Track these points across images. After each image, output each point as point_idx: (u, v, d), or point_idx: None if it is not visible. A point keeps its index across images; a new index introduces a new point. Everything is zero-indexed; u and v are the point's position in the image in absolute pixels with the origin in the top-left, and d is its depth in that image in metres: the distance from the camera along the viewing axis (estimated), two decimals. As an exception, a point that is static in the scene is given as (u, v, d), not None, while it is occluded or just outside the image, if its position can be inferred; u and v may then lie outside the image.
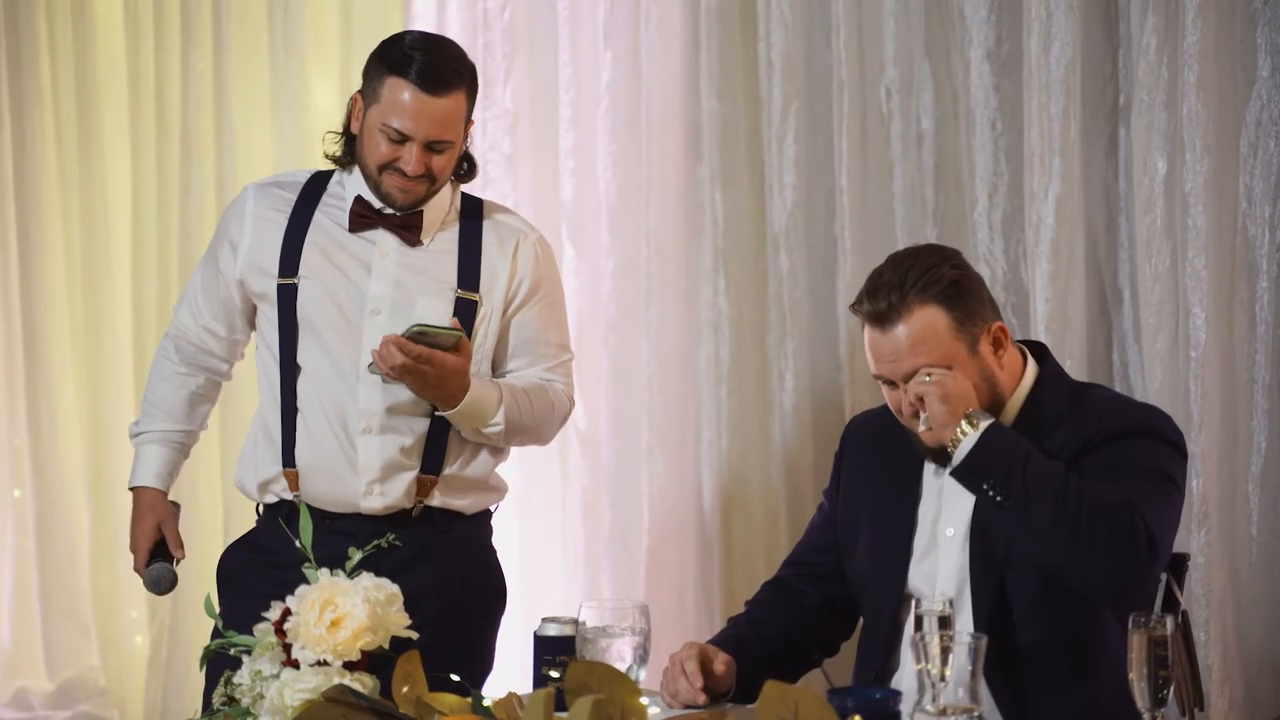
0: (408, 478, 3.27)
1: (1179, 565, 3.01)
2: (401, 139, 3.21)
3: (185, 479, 5.06)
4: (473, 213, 3.38)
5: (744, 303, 4.35)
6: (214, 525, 5.14)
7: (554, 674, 2.68)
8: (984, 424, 2.80)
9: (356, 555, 2.63)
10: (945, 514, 2.96)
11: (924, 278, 2.83)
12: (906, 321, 2.82)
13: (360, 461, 3.26)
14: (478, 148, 4.49)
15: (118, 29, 5.46)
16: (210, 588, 4.92)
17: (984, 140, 3.96)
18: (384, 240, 3.30)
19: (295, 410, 3.30)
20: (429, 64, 3.20)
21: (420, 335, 3.14)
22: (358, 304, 3.26)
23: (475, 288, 3.30)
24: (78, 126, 5.45)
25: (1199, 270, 3.66)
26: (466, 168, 3.38)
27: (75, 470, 5.51)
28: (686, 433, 4.42)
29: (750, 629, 3.07)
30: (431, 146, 3.22)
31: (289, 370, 3.29)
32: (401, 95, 3.20)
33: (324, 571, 2.56)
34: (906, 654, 2.92)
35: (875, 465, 3.06)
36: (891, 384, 2.89)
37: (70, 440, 5.50)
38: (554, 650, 2.73)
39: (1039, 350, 3.03)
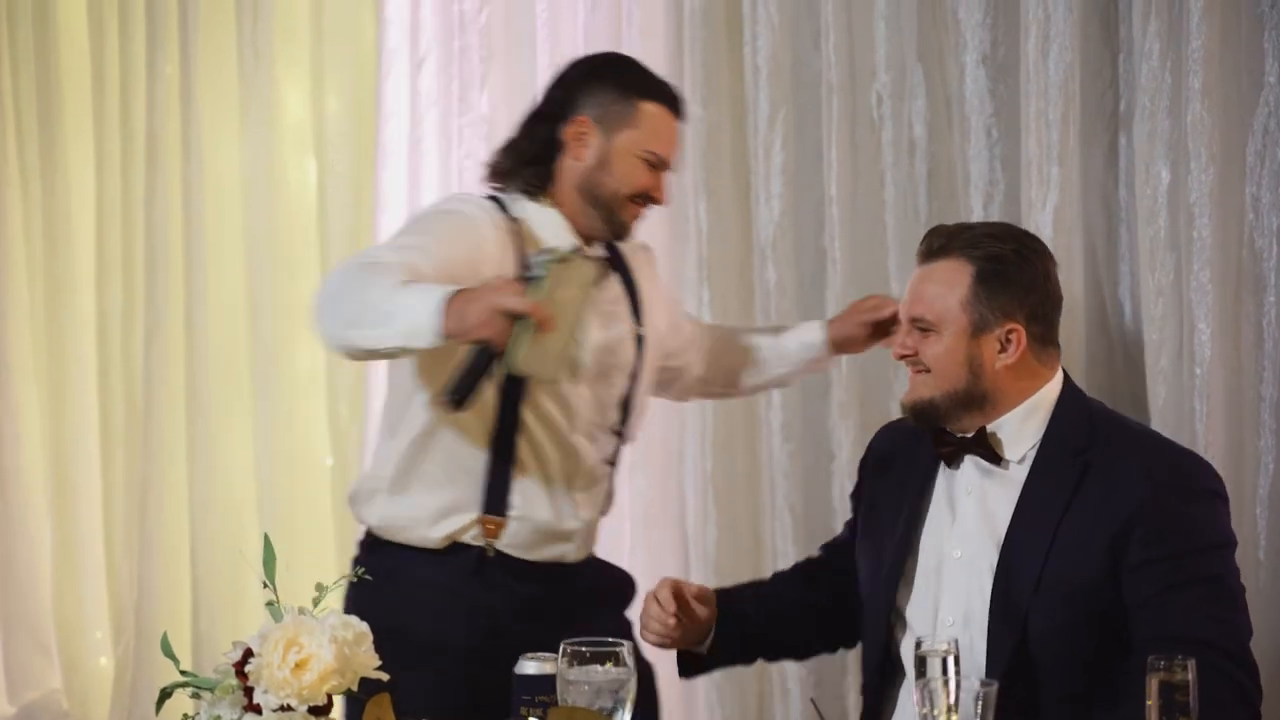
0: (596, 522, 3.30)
1: None
2: (661, 166, 3.20)
3: (152, 499, 5.06)
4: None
5: (729, 316, 4.24)
6: (180, 546, 5.00)
7: (533, 717, 2.53)
8: None
9: (326, 591, 2.48)
10: (955, 534, 2.86)
11: (981, 241, 2.84)
12: (937, 265, 2.85)
13: (578, 514, 3.22)
14: (453, 156, 4.49)
15: (81, 31, 5.39)
16: (175, 614, 4.95)
17: (979, 148, 3.87)
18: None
19: (511, 460, 3.14)
20: (671, 88, 3.24)
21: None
22: None
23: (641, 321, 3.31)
24: (39, 132, 5.38)
25: (1204, 284, 3.56)
26: None
27: (37, 486, 5.44)
28: (670, 452, 4.33)
29: (751, 591, 3.08)
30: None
31: (508, 420, 3.13)
32: (664, 121, 3.20)
33: (289, 608, 2.40)
34: (907, 696, 2.78)
35: (888, 476, 3.02)
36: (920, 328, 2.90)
37: (32, 456, 5.44)
38: (533, 690, 2.59)
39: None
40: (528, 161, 3.21)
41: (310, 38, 4.94)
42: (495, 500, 3.13)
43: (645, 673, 3.22)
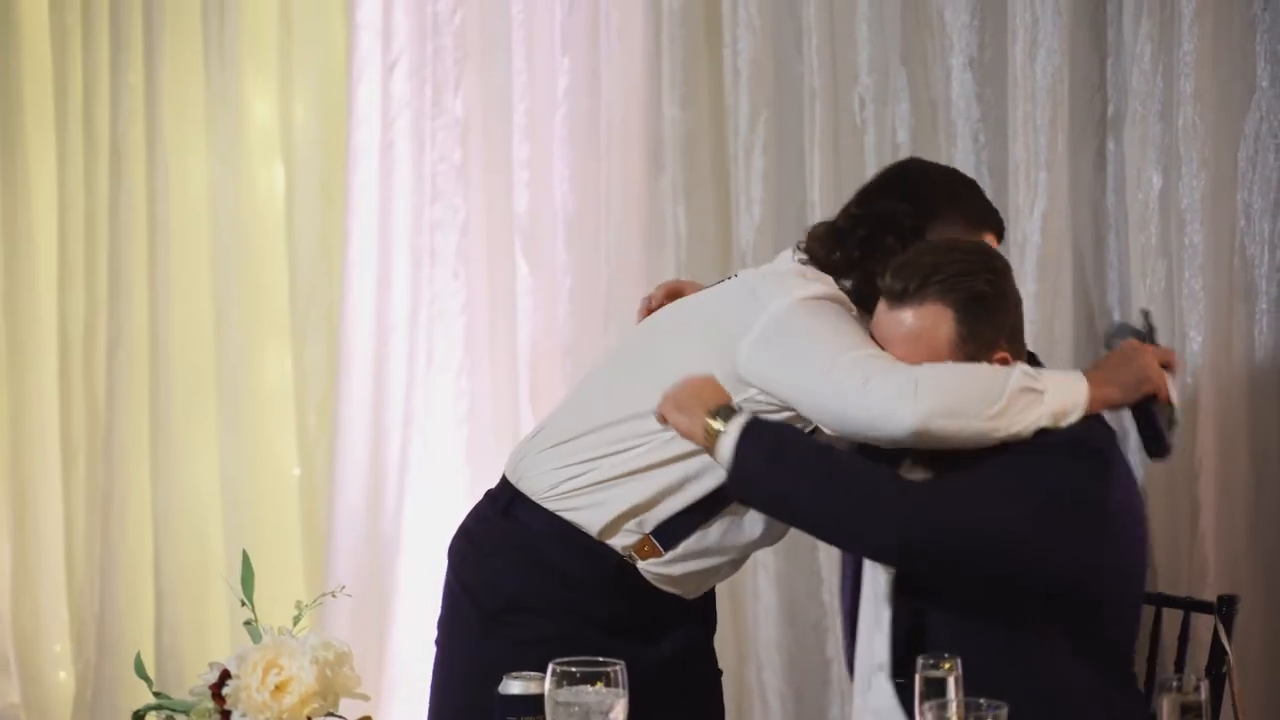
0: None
1: (1228, 608, 2.88)
2: None
3: (114, 511, 4.97)
4: None
5: (709, 324, 4.16)
6: (144, 560, 4.90)
7: (520, 741, 2.44)
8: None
9: (305, 609, 2.39)
10: None
11: (954, 280, 2.75)
12: (915, 310, 2.75)
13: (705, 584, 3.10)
14: (425, 160, 4.43)
15: (43, 36, 5.28)
16: (137, 629, 4.86)
17: (965, 153, 3.81)
18: None
19: (708, 518, 3.00)
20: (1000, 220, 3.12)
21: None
22: None
23: None
24: (0, 138, 5.27)
25: (1195, 291, 3.54)
26: None
27: (-6, 498, 5.30)
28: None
29: None
30: None
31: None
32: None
33: (269, 628, 2.31)
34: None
35: None
36: None
37: (-10, 469, 5.30)
38: (519, 710, 2.48)
39: None
40: (852, 265, 3.00)
41: (278, 43, 4.86)
42: (670, 535, 3.00)
43: (714, 680, 3.21)
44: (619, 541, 2.98)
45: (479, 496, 3.78)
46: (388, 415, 4.45)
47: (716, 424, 2.77)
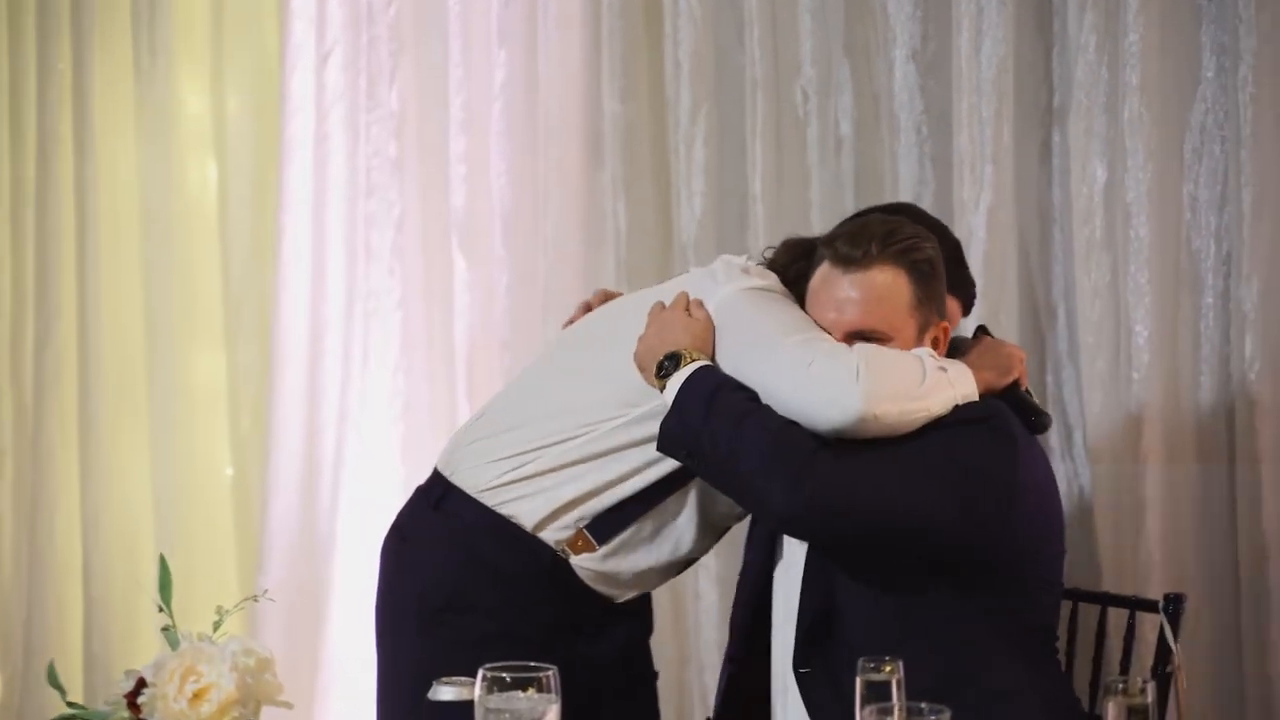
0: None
1: (1175, 607, 2.85)
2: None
3: (42, 513, 4.88)
4: None
5: (648, 320, 4.11)
6: (72, 563, 4.82)
7: (451, 747, 2.37)
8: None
9: (226, 615, 2.31)
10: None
11: (908, 243, 2.77)
12: (874, 275, 2.75)
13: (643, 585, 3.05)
14: (360, 153, 4.36)
15: (-34, 25, 5.18)
16: (66, 635, 4.76)
17: (909, 146, 3.81)
18: None
19: (645, 510, 2.96)
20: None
21: None
22: None
23: None
24: (-75, 129, 5.15)
25: (1141, 285, 3.53)
26: None
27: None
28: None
29: None
30: None
31: (676, 481, 2.94)
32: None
33: (187, 634, 2.23)
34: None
35: None
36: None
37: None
38: (450, 717, 2.41)
39: None
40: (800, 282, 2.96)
41: (210, 32, 4.78)
42: (605, 529, 2.96)
43: (651, 682, 3.17)
44: (553, 536, 2.94)
45: None
46: (322, 413, 4.38)
47: (668, 364, 2.77)
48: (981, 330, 2.97)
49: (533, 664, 2.28)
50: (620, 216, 4.15)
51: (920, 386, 2.68)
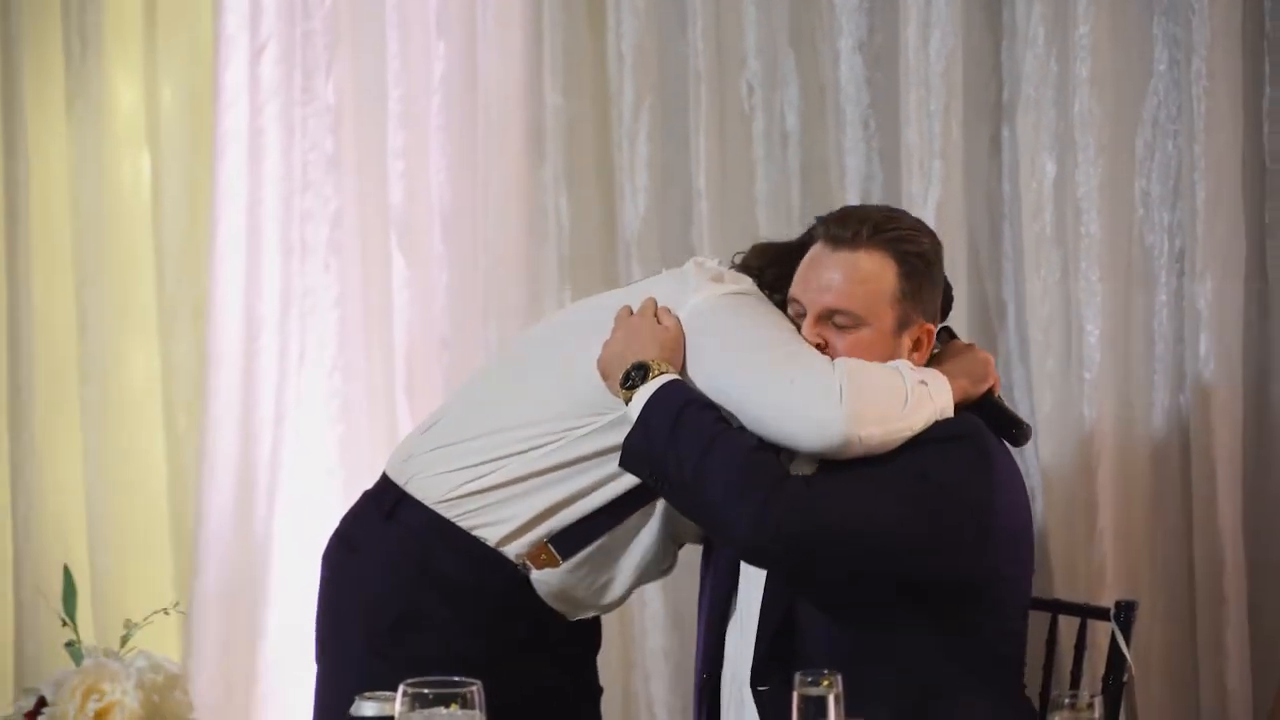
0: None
1: (1127, 614, 2.79)
2: (802, 314, 2.88)
3: None
4: None
5: (592, 317, 4.07)
6: (2, 567, 4.76)
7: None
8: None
9: (135, 629, 2.22)
10: None
11: (904, 234, 2.72)
12: (861, 257, 2.69)
13: (601, 603, 2.96)
14: (296, 148, 4.30)
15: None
16: None
17: (855, 140, 3.79)
18: None
19: (614, 524, 2.87)
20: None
21: None
22: None
23: None
24: None
25: (1093, 282, 3.53)
26: None
27: None
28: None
29: None
30: None
31: (641, 496, 2.84)
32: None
33: (91, 649, 2.13)
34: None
35: None
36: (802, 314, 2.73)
37: None
38: (374, 735, 2.33)
39: None
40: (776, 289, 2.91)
41: (143, 23, 4.66)
42: (570, 543, 2.87)
43: (596, 697, 3.09)
44: (515, 549, 2.86)
45: (354, 499, 3.73)
46: (258, 414, 4.29)
47: (635, 375, 2.69)
48: (946, 332, 2.90)
49: (456, 679, 2.20)
50: (563, 212, 4.10)
51: (904, 407, 2.61)
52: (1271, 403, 3.50)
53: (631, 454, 2.68)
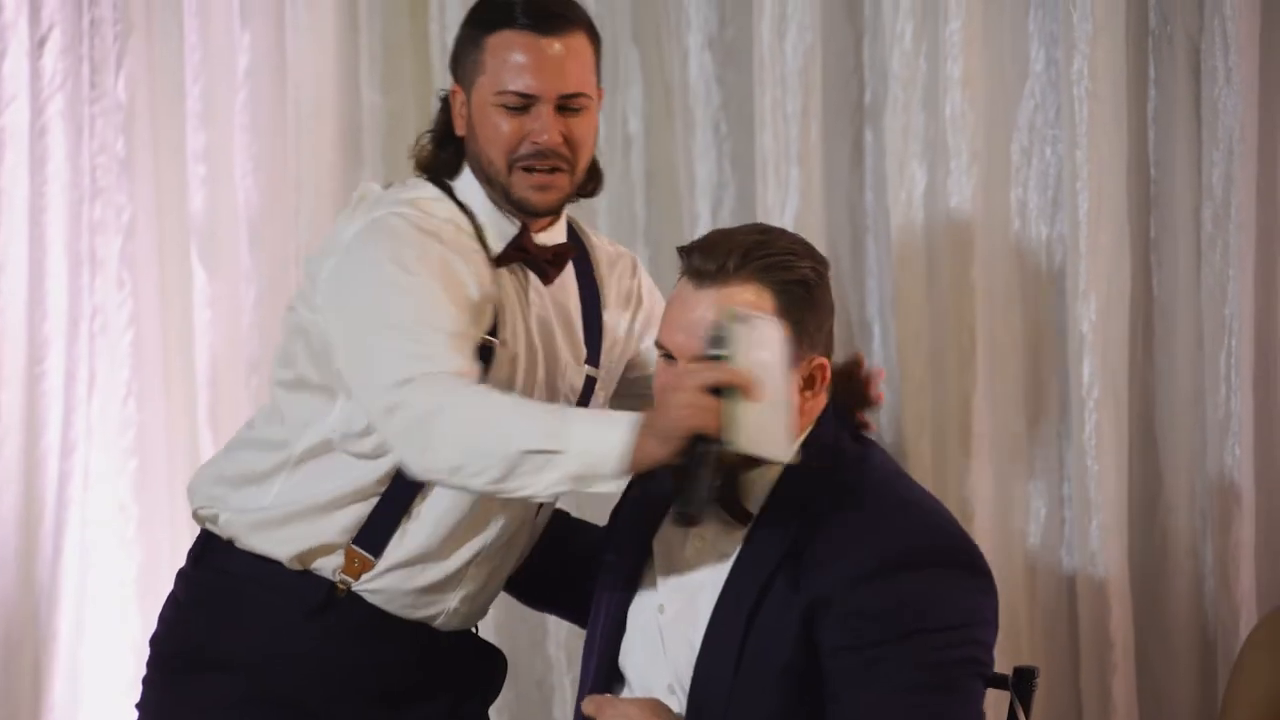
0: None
1: (1025, 682, 2.65)
2: (525, 103, 2.75)
3: None
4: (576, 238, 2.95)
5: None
6: None
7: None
8: None
9: None
10: (672, 579, 2.59)
11: (776, 259, 2.50)
12: (732, 293, 2.49)
13: (474, 574, 2.85)
14: (84, 150, 4.12)
15: None
16: None
17: (705, 144, 3.76)
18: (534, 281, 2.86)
19: (409, 503, 2.78)
20: (533, 2, 2.82)
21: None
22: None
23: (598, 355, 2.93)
24: None
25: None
26: (592, 180, 2.90)
27: None
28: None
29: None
30: (564, 106, 2.76)
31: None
32: (511, 47, 2.77)
33: None
34: None
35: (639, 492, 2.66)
36: (669, 358, 2.54)
37: None
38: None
39: None
40: (440, 143, 2.93)
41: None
42: (374, 539, 2.78)
43: (499, 662, 3.03)
44: (326, 564, 2.78)
45: (150, 539, 3.81)
46: (42, 445, 4.07)
47: None
48: None
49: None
50: (384, 221, 3.92)
51: (491, 471, 2.45)
52: (1158, 430, 3.45)
53: None
